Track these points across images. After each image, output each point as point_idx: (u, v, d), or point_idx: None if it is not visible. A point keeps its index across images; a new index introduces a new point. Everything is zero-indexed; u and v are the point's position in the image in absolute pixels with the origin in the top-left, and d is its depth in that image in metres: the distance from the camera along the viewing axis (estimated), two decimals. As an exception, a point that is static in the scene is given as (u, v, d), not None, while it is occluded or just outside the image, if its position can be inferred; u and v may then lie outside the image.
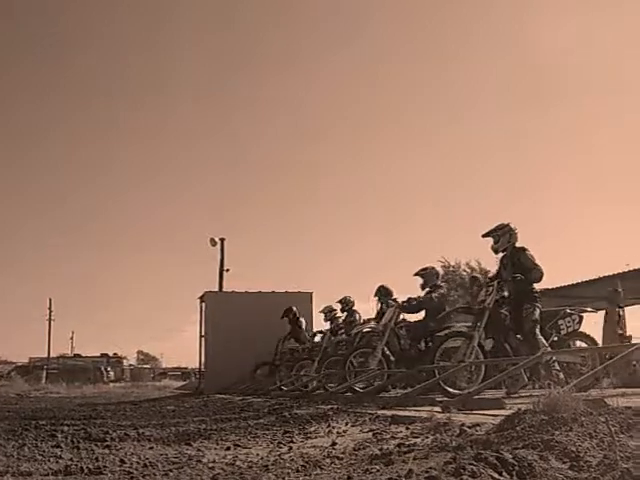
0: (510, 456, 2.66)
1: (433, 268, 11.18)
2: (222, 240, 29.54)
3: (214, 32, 73.54)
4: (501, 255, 8.95)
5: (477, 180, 70.86)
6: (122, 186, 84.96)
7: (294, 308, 16.12)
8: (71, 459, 4.14)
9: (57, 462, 4.03)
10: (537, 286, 8.70)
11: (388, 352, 10.62)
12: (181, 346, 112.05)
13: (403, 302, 10.94)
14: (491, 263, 28.34)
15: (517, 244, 8.76)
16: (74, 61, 78.86)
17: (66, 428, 6.27)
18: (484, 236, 8.92)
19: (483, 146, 71.66)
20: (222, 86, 76.93)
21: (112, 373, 43.83)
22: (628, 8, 58.71)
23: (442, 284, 10.96)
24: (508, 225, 8.79)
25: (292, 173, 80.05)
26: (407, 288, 11.84)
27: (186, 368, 54.82)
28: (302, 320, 15.90)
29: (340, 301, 13.71)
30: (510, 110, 74.10)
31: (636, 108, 64.76)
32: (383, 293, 11.75)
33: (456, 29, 71.97)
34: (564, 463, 2.76)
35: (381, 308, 11.70)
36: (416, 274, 10.86)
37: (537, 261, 8.56)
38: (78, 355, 49.77)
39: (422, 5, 71.48)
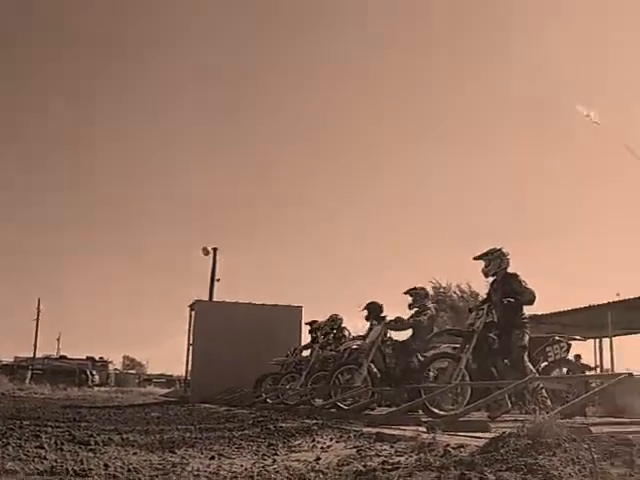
0: (493, 477, 2.69)
1: (423, 288, 11.24)
2: (214, 250, 29.59)
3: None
4: (491, 279, 9.00)
5: (472, 202, 71.00)
6: (115, 191, 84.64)
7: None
8: (55, 460, 4.13)
9: (42, 462, 4.03)
10: (527, 312, 8.73)
11: (375, 370, 10.64)
12: (167, 353, 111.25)
13: (391, 321, 10.97)
14: (481, 286, 28.56)
15: (509, 270, 8.78)
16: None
17: (50, 429, 6.26)
18: (475, 259, 8.94)
19: (478, 166, 71.76)
20: (218, 95, 77.03)
21: (97, 377, 43.63)
22: None
23: (431, 305, 10.98)
24: (500, 250, 8.82)
25: (286, 185, 79.93)
26: (398, 307, 11.84)
27: (171, 376, 54.71)
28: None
29: (330, 318, 13.72)
30: (507, 135, 74.37)
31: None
32: (373, 310, 11.75)
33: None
34: (546, 487, 2.80)
35: (371, 325, 11.71)
36: (406, 292, 10.90)
37: (528, 285, 8.59)
38: (64, 357, 49.30)
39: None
